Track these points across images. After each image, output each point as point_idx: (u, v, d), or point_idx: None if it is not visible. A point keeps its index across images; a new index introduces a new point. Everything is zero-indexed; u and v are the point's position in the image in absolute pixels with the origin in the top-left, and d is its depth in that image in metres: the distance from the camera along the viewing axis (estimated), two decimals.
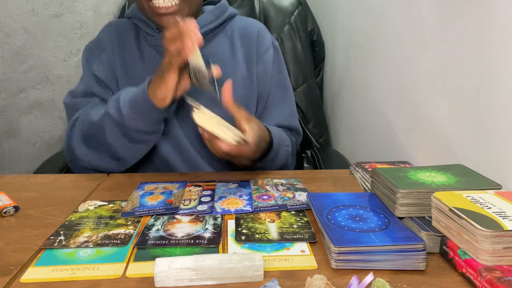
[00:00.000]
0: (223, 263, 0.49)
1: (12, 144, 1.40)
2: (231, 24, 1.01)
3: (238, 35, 0.99)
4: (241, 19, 1.03)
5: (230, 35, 0.99)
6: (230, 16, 1.01)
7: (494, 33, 0.63)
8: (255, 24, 1.03)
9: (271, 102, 1.00)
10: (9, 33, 1.31)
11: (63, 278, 0.50)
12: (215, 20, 0.97)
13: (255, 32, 1.01)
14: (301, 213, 0.67)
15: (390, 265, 0.52)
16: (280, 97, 1.01)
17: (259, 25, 1.04)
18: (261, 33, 1.01)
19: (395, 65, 0.95)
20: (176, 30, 0.73)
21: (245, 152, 0.73)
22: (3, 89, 1.34)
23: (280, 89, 1.01)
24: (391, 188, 0.63)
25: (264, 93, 0.99)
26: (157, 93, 0.76)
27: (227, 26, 1.00)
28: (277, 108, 1.00)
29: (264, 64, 1.00)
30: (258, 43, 1.00)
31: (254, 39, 0.99)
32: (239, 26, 1.01)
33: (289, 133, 1.01)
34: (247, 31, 1.00)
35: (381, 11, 1.02)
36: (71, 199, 0.73)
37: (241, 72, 0.97)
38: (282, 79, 1.03)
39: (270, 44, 1.02)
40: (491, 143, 0.65)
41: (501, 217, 0.50)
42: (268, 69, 1.00)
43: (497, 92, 0.63)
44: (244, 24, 1.02)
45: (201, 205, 0.69)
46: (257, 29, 1.01)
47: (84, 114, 0.88)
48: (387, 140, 1.01)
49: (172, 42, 0.73)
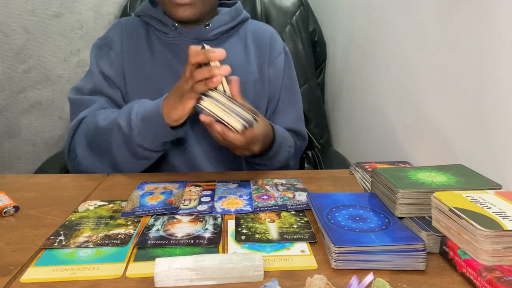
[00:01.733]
0: (223, 263, 0.49)
1: (12, 144, 1.40)
2: (244, 27, 1.02)
3: (251, 38, 1.01)
4: (253, 23, 1.05)
5: (244, 38, 1.00)
6: (244, 19, 1.02)
7: (494, 33, 0.63)
8: (268, 28, 1.05)
9: (280, 106, 1.01)
10: (9, 33, 1.31)
11: (63, 278, 0.50)
12: (230, 22, 0.98)
13: (268, 36, 1.02)
14: (301, 213, 0.67)
15: (390, 265, 0.52)
16: (289, 102, 1.02)
17: (272, 30, 1.05)
18: (274, 38, 1.03)
19: (395, 65, 0.95)
20: (204, 57, 0.71)
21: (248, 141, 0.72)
22: (3, 89, 1.34)
23: (289, 93, 1.02)
24: (391, 188, 0.63)
25: (275, 96, 1.00)
26: (172, 114, 0.75)
27: (241, 29, 1.01)
28: (285, 112, 1.01)
29: (276, 68, 1.01)
30: (271, 47, 1.01)
31: (267, 43, 1.01)
32: (252, 29, 1.02)
33: (295, 137, 1.01)
34: (260, 35, 1.02)
35: (381, 11, 1.02)
36: (71, 199, 0.73)
37: (253, 75, 0.98)
38: (292, 84, 1.04)
39: (281, 49, 1.03)
40: (491, 143, 0.65)
41: (501, 217, 0.50)
42: (279, 73, 1.01)
43: (497, 92, 0.63)
44: (257, 27, 1.03)
45: (201, 205, 0.69)
46: (270, 33, 1.03)
47: (91, 116, 0.87)
48: (387, 140, 1.01)
49: (198, 71, 0.71)
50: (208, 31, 0.96)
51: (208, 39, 0.96)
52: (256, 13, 1.30)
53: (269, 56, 1.00)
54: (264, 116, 0.98)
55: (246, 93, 0.96)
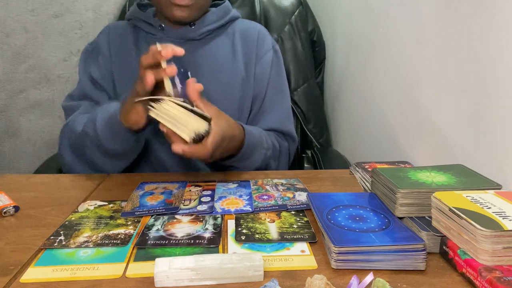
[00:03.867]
0: (223, 263, 0.49)
1: (12, 144, 1.40)
2: (233, 26, 1.02)
3: (239, 37, 1.00)
4: (243, 22, 1.04)
5: (232, 36, 1.00)
6: (233, 18, 1.02)
7: (494, 33, 0.63)
8: (256, 27, 1.04)
9: (267, 104, 1.00)
10: (9, 33, 1.31)
11: (63, 278, 0.50)
12: (217, 20, 0.98)
13: (255, 34, 1.01)
14: (301, 213, 0.67)
15: (390, 265, 0.52)
16: (276, 100, 1.01)
17: (260, 28, 1.05)
18: (262, 36, 1.02)
19: (395, 65, 0.95)
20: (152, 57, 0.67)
21: (198, 154, 0.67)
22: (3, 89, 1.34)
23: (276, 92, 1.01)
24: (391, 188, 0.63)
25: (260, 94, 0.99)
26: (129, 118, 0.74)
27: (229, 28, 1.01)
28: (271, 111, 0.99)
29: (262, 66, 1.00)
30: (258, 45, 1.00)
31: (254, 41, 1.00)
32: (241, 28, 1.02)
33: (282, 137, 1.00)
34: (248, 33, 1.01)
35: (381, 11, 1.02)
36: (71, 199, 0.73)
37: (240, 73, 0.97)
38: (279, 82, 1.03)
39: (270, 47, 1.02)
40: (491, 143, 0.65)
41: (501, 217, 0.50)
42: (266, 71, 1.00)
43: (497, 92, 0.63)
44: (245, 26, 1.03)
45: (201, 205, 0.69)
46: (257, 31, 1.02)
47: (72, 122, 0.89)
48: (387, 140, 1.01)
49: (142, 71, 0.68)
50: (194, 30, 0.96)
51: (194, 38, 0.96)
52: (255, 13, 1.29)
53: (256, 53, 0.99)
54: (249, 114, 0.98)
55: (233, 90, 0.95)
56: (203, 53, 0.96)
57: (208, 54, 0.96)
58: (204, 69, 0.95)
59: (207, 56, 0.96)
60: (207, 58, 0.96)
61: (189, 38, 0.96)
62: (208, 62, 0.96)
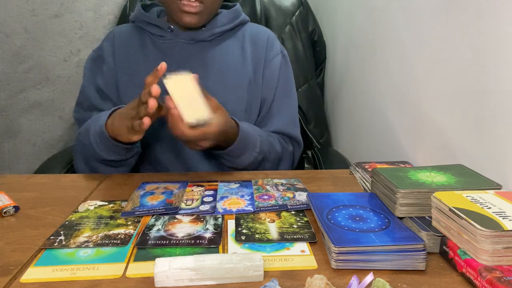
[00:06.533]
0: (223, 263, 0.49)
1: (12, 144, 1.40)
2: (243, 29, 1.02)
3: (249, 40, 1.01)
4: (252, 26, 1.05)
5: (241, 39, 1.01)
6: (243, 22, 1.03)
7: (494, 33, 0.63)
8: (266, 31, 1.05)
9: (274, 108, 1.00)
10: (9, 33, 1.31)
11: (63, 278, 0.50)
12: (228, 23, 0.99)
13: (265, 38, 1.02)
14: (301, 213, 0.67)
15: (390, 265, 0.52)
16: (283, 104, 1.01)
17: (270, 32, 1.06)
18: (271, 40, 1.03)
19: (395, 65, 0.95)
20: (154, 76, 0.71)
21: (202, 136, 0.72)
22: (3, 89, 1.34)
23: (284, 96, 1.02)
24: (391, 188, 0.63)
25: (269, 97, 1.00)
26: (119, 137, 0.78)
27: (239, 31, 1.02)
28: (278, 114, 1.00)
29: (271, 69, 1.01)
30: (267, 49, 1.01)
31: (264, 45, 1.01)
32: (251, 32, 1.03)
33: (288, 141, 1.00)
34: (257, 37, 1.02)
35: (381, 11, 1.02)
36: (71, 199, 0.73)
37: (248, 76, 0.98)
38: (287, 86, 1.03)
39: (279, 51, 1.03)
40: (491, 143, 0.65)
41: (501, 217, 0.50)
42: (275, 75, 1.01)
43: (497, 92, 0.63)
44: (255, 30, 1.04)
45: (203, 205, 0.69)
46: (267, 36, 1.03)
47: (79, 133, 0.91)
48: (387, 140, 1.01)
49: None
50: (204, 32, 0.97)
51: (204, 40, 0.97)
52: (255, 13, 1.29)
53: (265, 57, 1.00)
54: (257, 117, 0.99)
55: (241, 93, 0.96)
56: (212, 54, 0.97)
57: (218, 56, 0.97)
58: (213, 70, 0.95)
59: (217, 57, 0.97)
60: (217, 59, 0.97)
61: (199, 39, 0.96)
62: (217, 63, 0.96)
